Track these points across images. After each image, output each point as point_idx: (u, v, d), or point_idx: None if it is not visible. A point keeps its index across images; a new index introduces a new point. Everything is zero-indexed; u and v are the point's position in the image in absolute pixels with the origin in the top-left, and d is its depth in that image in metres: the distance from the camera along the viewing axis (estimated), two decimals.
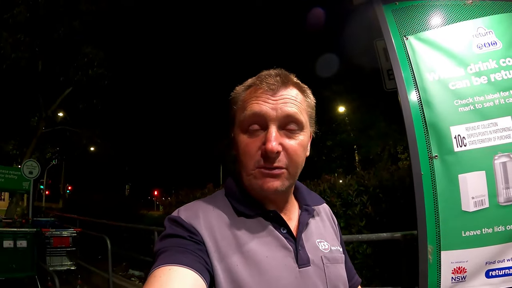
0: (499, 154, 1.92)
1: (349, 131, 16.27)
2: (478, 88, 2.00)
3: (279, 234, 0.81)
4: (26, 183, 9.14)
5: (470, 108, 2.00)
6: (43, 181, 25.72)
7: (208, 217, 0.80)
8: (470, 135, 1.97)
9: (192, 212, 0.81)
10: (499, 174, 1.91)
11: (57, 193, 33.60)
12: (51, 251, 6.25)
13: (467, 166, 1.95)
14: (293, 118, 0.79)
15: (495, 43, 2.00)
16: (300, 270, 0.78)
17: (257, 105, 0.79)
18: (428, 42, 2.14)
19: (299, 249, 0.81)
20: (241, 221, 0.81)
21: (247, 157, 0.79)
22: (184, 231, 0.75)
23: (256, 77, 0.84)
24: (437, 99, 2.06)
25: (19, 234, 6.02)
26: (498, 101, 1.96)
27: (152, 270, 0.67)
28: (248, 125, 0.80)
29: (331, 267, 0.84)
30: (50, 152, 18.60)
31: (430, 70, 2.09)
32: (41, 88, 12.69)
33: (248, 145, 0.80)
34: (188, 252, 0.71)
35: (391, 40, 2.19)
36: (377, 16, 2.26)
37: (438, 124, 2.03)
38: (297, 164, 0.81)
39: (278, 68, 0.84)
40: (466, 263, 1.84)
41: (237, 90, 0.87)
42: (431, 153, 2.02)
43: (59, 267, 6.14)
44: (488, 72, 1.99)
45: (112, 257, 5.82)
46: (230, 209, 0.83)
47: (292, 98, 0.81)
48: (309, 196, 0.95)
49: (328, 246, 0.88)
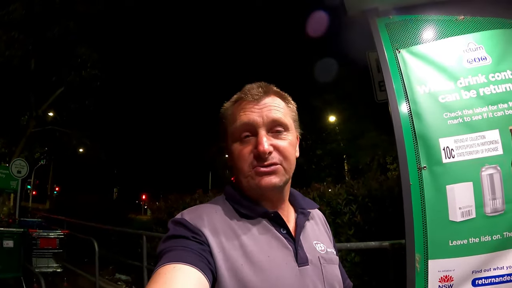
0: (486, 166, 1.98)
1: (339, 141, 16.40)
2: (467, 102, 2.06)
3: (279, 234, 0.85)
4: (14, 182, 8.99)
5: (459, 121, 2.06)
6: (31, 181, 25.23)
7: (212, 219, 0.84)
8: (459, 147, 2.03)
9: (196, 214, 0.84)
10: (486, 185, 1.96)
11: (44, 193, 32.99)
12: (37, 252, 6.16)
13: (455, 177, 2.00)
14: (278, 122, 0.86)
15: (485, 58, 2.07)
16: (300, 269, 0.83)
17: (245, 116, 0.86)
18: (419, 55, 2.20)
19: (298, 249, 0.85)
20: (243, 222, 0.85)
21: (242, 162, 0.85)
22: (188, 232, 0.79)
23: (240, 92, 0.91)
24: (427, 112, 2.11)
25: (6, 233, 5.91)
26: (487, 114, 2.02)
27: (156, 268, 0.69)
28: (240, 134, 0.86)
29: (327, 267, 0.89)
30: (39, 152, 18.30)
31: (421, 83, 2.15)
32: (32, 87, 12.53)
33: (241, 151, 0.86)
34: (191, 251, 0.74)
35: (383, 53, 2.25)
36: (371, 29, 2.32)
37: (428, 135, 2.08)
38: (289, 160, 0.86)
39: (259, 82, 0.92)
40: (453, 272, 1.88)
41: (225, 106, 0.94)
42: (420, 164, 2.07)
43: (45, 269, 6.06)
44: (478, 86, 2.06)
45: (99, 260, 5.75)
46: (232, 211, 0.88)
47: (275, 104, 0.88)
48: (304, 201, 0.99)
49: (324, 248, 0.93)
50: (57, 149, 17.56)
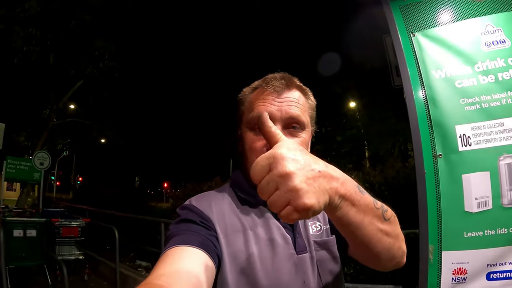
0: (505, 155, 1.88)
1: (359, 127, 16.12)
2: (485, 87, 1.96)
3: (278, 222, 0.87)
4: (37, 174, 9.32)
5: (476, 107, 1.96)
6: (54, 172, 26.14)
7: (219, 205, 0.87)
8: (476, 135, 1.94)
9: (203, 200, 0.87)
10: (504, 175, 1.87)
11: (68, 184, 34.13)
12: (60, 241, 6.39)
13: (471, 166, 1.92)
14: (296, 120, 0.85)
15: (503, 41, 1.96)
16: (298, 257, 0.84)
17: (264, 107, 0.85)
18: (435, 39, 2.10)
19: (296, 236, 0.86)
20: (246, 210, 0.88)
21: (253, 153, 0.85)
22: (196, 217, 0.81)
23: (262, 80, 0.91)
24: (443, 97, 2.02)
25: (29, 223, 6.15)
26: (505, 100, 1.92)
27: (165, 250, 0.71)
28: (255, 124, 0.86)
29: (320, 252, 0.88)
30: (61, 144, 18.87)
31: (437, 68, 2.06)
32: (52, 81, 12.85)
33: (254, 142, 0.85)
34: (199, 235, 0.76)
35: (397, 37, 2.16)
36: (384, 12, 2.23)
37: (444, 122, 2.00)
38: None
39: (282, 72, 0.91)
40: (467, 265, 1.82)
41: (244, 92, 0.94)
42: (435, 152, 1.99)
43: (67, 257, 6.28)
44: (496, 71, 1.95)
45: (120, 247, 5.93)
46: (235, 198, 0.90)
47: (295, 100, 0.87)
48: None
49: (321, 227, 0.92)
50: (79, 140, 18.06)
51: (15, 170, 9.32)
